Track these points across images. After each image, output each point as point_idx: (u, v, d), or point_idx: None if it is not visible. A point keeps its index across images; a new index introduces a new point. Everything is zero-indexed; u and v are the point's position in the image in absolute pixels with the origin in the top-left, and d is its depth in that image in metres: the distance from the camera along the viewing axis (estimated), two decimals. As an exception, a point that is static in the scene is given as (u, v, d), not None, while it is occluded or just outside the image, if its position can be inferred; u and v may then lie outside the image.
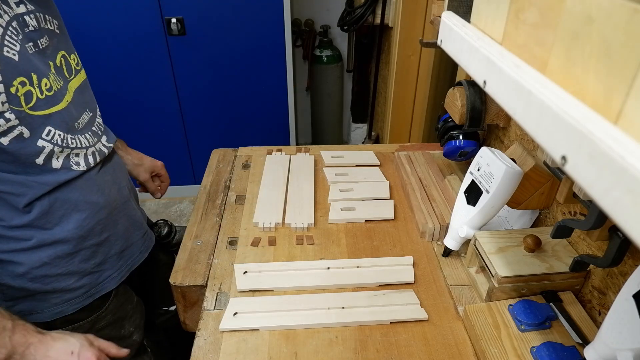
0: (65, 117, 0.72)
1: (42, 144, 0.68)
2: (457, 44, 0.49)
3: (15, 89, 0.61)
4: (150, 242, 0.98)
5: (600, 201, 0.26)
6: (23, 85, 0.63)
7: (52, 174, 0.70)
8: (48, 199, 0.71)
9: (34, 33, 0.67)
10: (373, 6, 2.00)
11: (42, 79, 0.66)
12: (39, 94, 0.66)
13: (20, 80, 0.62)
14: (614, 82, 0.26)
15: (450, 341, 0.71)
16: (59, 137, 0.70)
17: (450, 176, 1.08)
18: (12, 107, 0.62)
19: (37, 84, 0.65)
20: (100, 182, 0.80)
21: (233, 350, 0.70)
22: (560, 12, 0.31)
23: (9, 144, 0.63)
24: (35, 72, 0.65)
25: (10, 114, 0.62)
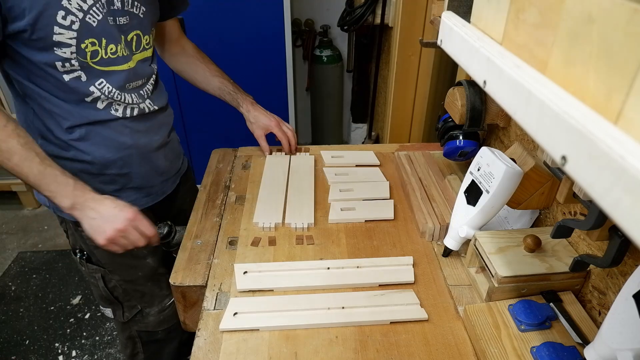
0: (120, 77, 0.89)
1: (93, 89, 0.87)
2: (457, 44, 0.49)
3: (85, 45, 0.81)
4: (168, 188, 1.11)
5: (600, 201, 0.26)
6: (92, 45, 0.82)
7: (94, 111, 0.89)
8: (86, 128, 0.90)
9: (117, 11, 0.85)
10: (373, 6, 2.00)
11: (109, 44, 0.85)
12: (104, 54, 0.85)
13: (90, 40, 0.81)
14: (614, 82, 0.26)
15: (450, 341, 0.71)
16: (107, 89, 0.88)
17: (450, 176, 1.08)
18: (78, 57, 0.81)
19: (104, 47, 0.84)
20: (132, 129, 0.96)
21: (233, 350, 0.70)
22: (560, 12, 0.31)
23: (69, 80, 0.84)
24: (106, 37, 0.83)
25: (75, 61, 0.82)
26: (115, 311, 1.11)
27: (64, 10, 0.76)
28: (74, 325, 1.79)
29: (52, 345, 1.71)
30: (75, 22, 0.78)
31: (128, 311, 1.10)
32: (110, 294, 1.06)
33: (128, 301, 1.09)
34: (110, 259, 1.01)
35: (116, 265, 1.03)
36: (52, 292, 1.95)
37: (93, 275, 1.05)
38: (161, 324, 1.14)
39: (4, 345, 1.71)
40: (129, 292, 1.07)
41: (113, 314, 1.11)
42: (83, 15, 0.78)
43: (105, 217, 0.80)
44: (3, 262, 2.12)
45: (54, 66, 0.81)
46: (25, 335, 1.75)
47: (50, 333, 1.76)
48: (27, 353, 1.68)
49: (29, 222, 2.39)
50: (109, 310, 1.11)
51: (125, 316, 1.10)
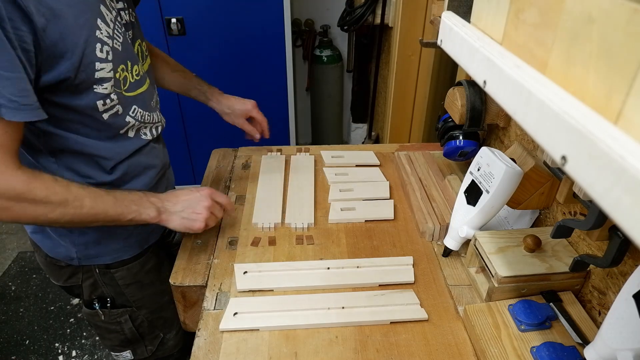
0: (145, 97, 0.85)
1: (129, 119, 0.81)
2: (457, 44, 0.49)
3: (119, 74, 0.74)
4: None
5: (600, 201, 0.26)
6: (123, 71, 0.76)
7: (129, 142, 0.84)
8: (127, 162, 0.85)
9: (126, 25, 0.78)
10: (373, 6, 2.00)
11: (134, 65, 0.79)
12: (131, 78, 0.79)
13: (121, 67, 0.75)
14: (614, 82, 0.26)
15: (450, 341, 0.71)
16: (140, 114, 0.83)
17: (450, 176, 1.08)
18: (115, 89, 0.75)
19: (130, 70, 0.78)
20: (158, 149, 0.94)
21: (233, 350, 0.70)
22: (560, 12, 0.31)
23: (108, 118, 0.76)
24: (130, 59, 0.77)
25: (114, 95, 0.75)
26: (136, 350, 1.04)
27: (100, 43, 0.69)
28: (74, 325, 1.79)
29: (52, 345, 1.71)
30: (109, 51, 0.71)
31: (150, 344, 1.04)
32: (136, 332, 1.00)
33: (151, 333, 1.03)
34: (140, 295, 0.96)
35: (145, 299, 0.98)
36: (52, 292, 1.95)
37: (116, 320, 0.96)
38: (177, 344, 1.10)
39: (4, 345, 1.71)
40: (154, 323, 1.02)
41: (133, 354, 1.04)
42: (112, 42, 0.71)
43: (190, 204, 0.80)
44: (3, 262, 2.12)
45: (96, 107, 0.73)
46: (25, 335, 1.75)
47: (50, 333, 1.76)
48: (27, 353, 1.68)
49: (29, 222, 2.39)
50: (128, 352, 1.03)
51: (148, 350, 1.04)
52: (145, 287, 0.96)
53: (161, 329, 1.05)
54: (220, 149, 1.30)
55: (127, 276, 0.93)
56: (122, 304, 0.97)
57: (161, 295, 1.00)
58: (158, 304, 1.01)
